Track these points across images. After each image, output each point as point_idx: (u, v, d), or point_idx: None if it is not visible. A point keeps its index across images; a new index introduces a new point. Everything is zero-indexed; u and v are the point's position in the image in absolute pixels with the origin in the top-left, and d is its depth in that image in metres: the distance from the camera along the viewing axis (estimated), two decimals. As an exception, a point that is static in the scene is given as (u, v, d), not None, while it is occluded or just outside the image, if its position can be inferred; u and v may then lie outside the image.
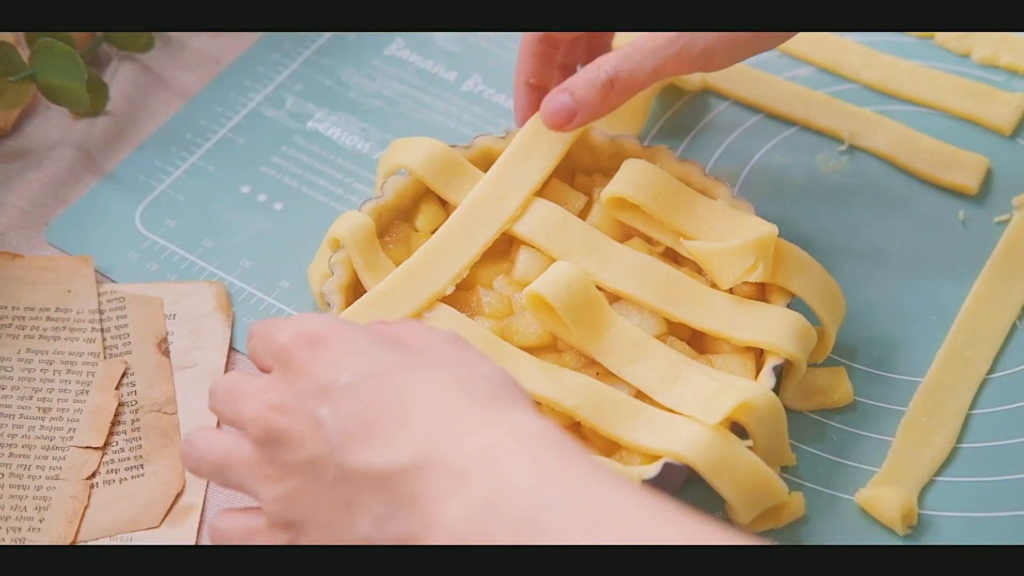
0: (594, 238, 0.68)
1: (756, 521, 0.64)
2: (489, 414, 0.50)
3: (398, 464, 0.49)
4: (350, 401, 0.51)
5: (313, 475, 0.52)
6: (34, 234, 0.76)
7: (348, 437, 0.50)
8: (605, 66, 0.66)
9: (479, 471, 0.48)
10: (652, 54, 0.65)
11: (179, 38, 0.86)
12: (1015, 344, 0.71)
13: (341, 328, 0.54)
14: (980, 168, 0.78)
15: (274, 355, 0.54)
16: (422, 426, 0.50)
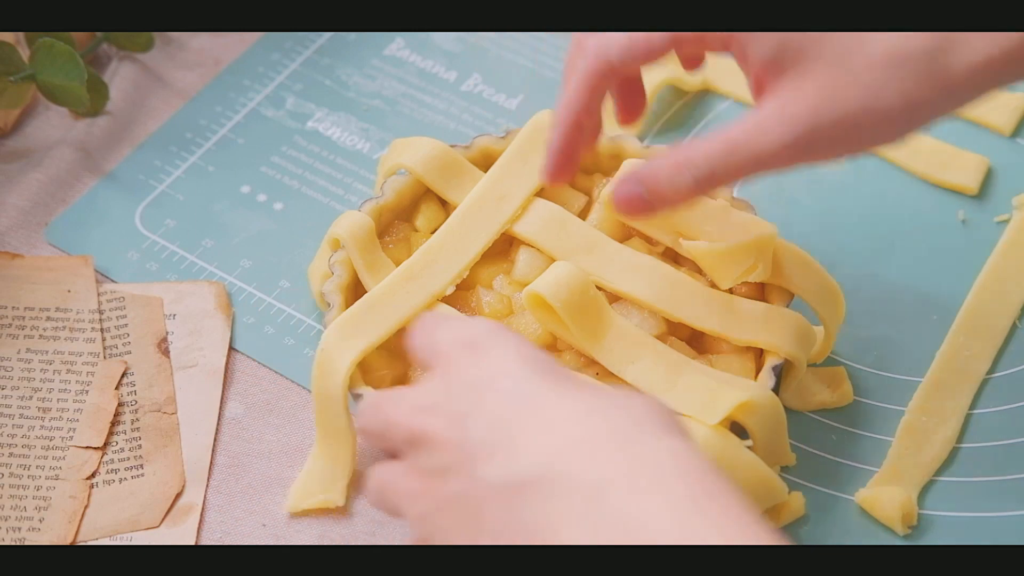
0: (594, 238, 0.68)
1: (756, 521, 0.64)
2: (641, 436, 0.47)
3: (524, 472, 0.46)
4: (497, 402, 0.49)
5: (445, 486, 0.49)
6: (34, 234, 0.76)
7: (485, 446, 0.48)
8: (694, 169, 0.56)
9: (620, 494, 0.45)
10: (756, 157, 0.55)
11: (179, 38, 0.86)
12: (1015, 344, 0.71)
13: (504, 335, 0.52)
14: (980, 168, 0.78)
15: (435, 355, 0.52)
16: (560, 436, 0.47)
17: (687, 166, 0.56)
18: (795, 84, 0.54)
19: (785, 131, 0.54)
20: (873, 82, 0.53)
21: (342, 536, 0.65)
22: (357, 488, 0.66)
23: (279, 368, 0.71)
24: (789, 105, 0.54)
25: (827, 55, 0.54)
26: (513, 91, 0.83)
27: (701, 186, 0.56)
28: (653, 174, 0.57)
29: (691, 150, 0.56)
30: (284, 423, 0.69)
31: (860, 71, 0.53)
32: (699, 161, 0.56)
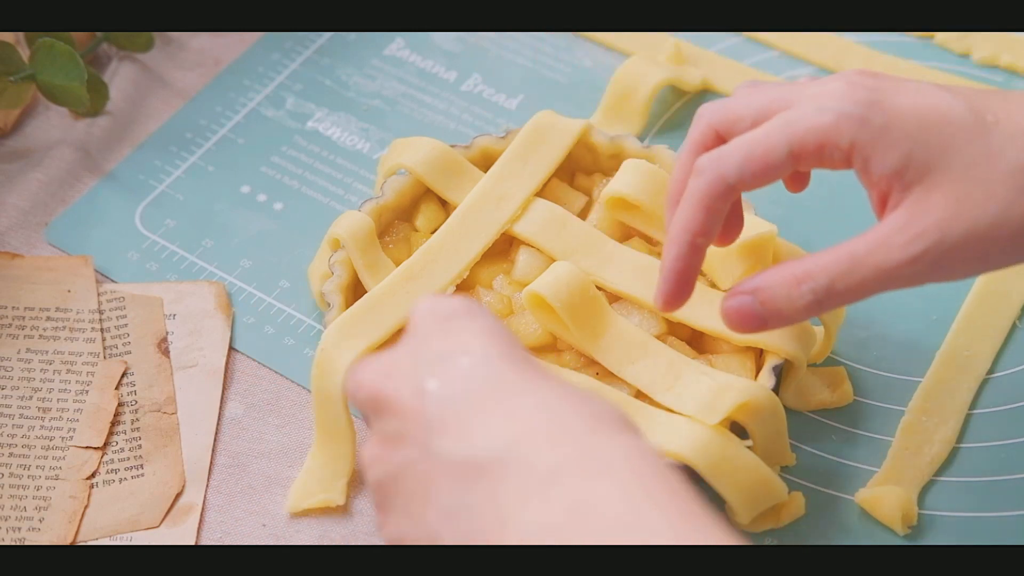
0: (594, 238, 0.68)
1: (756, 521, 0.64)
2: (598, 429, 0.46)
3: (481, 452, 0.46)
4: (458, 378, 0.48)
5: (399, 452, 0.49)
6: (34, 234, 0.76)
7: (442, 419, 0.48)
8: (813, 283, 0.54)
9: (573, 479, 0.45)
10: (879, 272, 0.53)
11: (179, 38, 0.86)
12: (1015, 344, 0.71)
13: (479, 312, 0.51)
14: (980, 168, 0.78)
15: (410, 325, 0.52)
16: (520, 421, 0.47)
17: (805, 280, 0.54)
18: (921, 198, 0.52)
19: (911, 246, 0.52)
20: (1006, 194, 0.51)
21: (342, 536, 0.65)
22: (357, 487, 0.66)
23: (279, 368, 0.71)
24: (915, 219, 0.52)
25: (955, 168, 0.52)
26: (513, 91, 0.83)
27: (820, 303, 0.54)
28: (768, 287, 0.55)
29: (810, 263, 0.54)
30: (284, 423, 0.69)
31: (991, 183, 0.52)
32: (818, 275, 0.53)
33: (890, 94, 0.54)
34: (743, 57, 0.84)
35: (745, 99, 0.57)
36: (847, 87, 0.54)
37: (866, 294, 0.53)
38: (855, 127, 0.53)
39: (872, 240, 0.53)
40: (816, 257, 0.54)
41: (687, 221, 0.56)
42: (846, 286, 0.53)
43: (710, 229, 0.56)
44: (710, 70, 0.83)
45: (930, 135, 0.53)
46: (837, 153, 0.53)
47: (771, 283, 0.55)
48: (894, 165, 0.53)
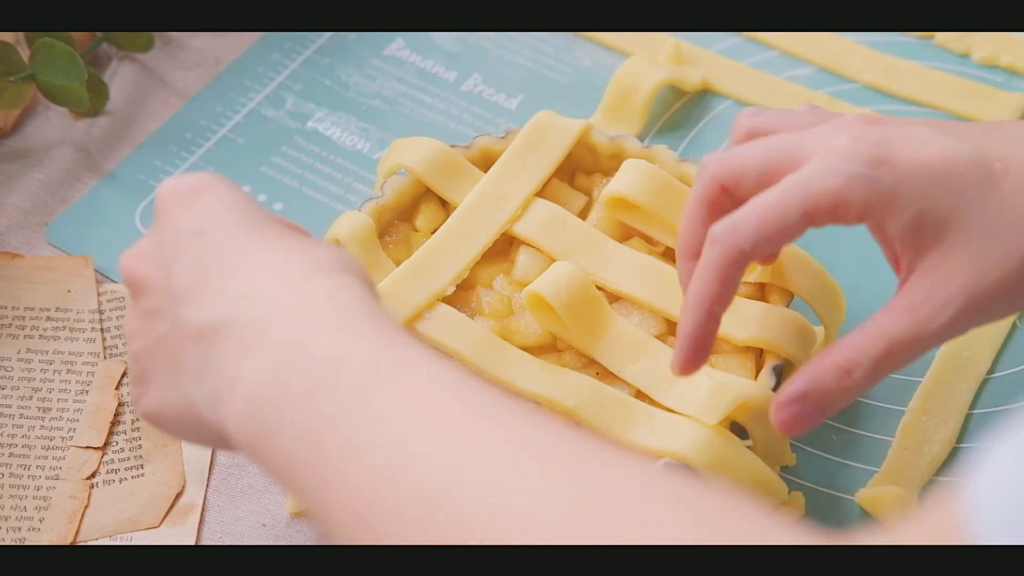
0: (594, 238, 0.68)
1: (756, 521, 0.63)
2: (312, 274, 0.50)
3: (211, 319, 0.50)
4: (197, 254, 0.52)
5: (155, 326, 0.53)
6: (34, 234, 0.76)
7: (184, 289, 0.52)
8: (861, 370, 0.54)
9: (281, 324, 0.49)
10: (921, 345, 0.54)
11: (179, 38, 0.86)
12: (1015, 344, 0.71)
13: (217, 184, 0.54)
14: (980, 168, 0.78)
15: (155, 206, 0.55)
16: (243, 282, 0.50)
17: (854, 369, 0.54)
18: (939, 262, 0.53)
19: (941, 315, 0.53)
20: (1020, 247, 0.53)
21: (342, 536, 0.65)
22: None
23: (279, 368, 0.71)
24: (939, 287, 0.53)
25: (971, 226, 0.53)
26: (513, 91, 0.83)
27: (869, 383, 0.55)
28: (819, 388, 0.55)
29: (851, 351, 0.54)
30: (284, 423, 0.69)
31: (1008, 236, 0.53)
32: (863, 361, 0.54)
33: (897, 147, 0.53)
34: (743, 57, 0.84)
35: (750, 151, 0.56)
36: (854, 144, 0.53)
37: (908, 362, 0.54)
38: (867, 189, 0.52)
39: (903, 315, 0.54)
40: (853, 341, 0.54)
41: (704, 291, 0.55)
42: (889, 366, 0.54)
43: (727, 297, 0.56)
44: (710, 70, 0.83)
45: (941, 192, 0.53)
46: (850, 213, 0.53)
47: (820, 382, 0.55)
48: (908, 227, 0.53)
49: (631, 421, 0.63)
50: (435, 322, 0.66)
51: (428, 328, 0.66)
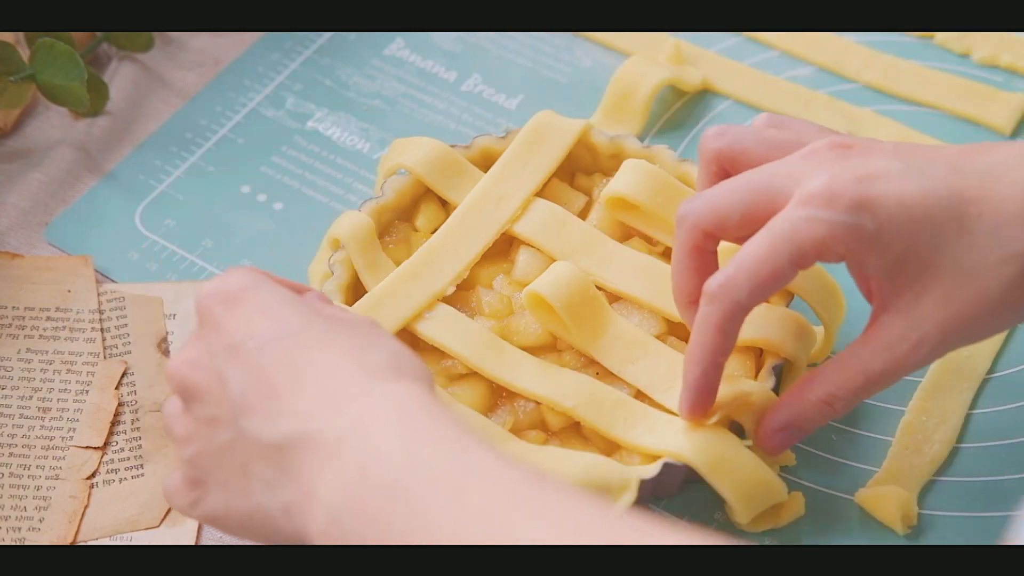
0: (594, 238, 0.68)
1: (756, 521, 0.64)
2: (374, 384, 0.51)
3: (283, 436, 0.51)
4: (253, 365, 0.53)
5: (216, 434, 0.54)
6: (34, 234, 0.76)
7: (246, 401, 0.52)
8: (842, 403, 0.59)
9: (352, 441, 0.50)
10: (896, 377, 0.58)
11: (179, 38, 0.86)
12: (1015, 344, 0.71)
13: (258, 287, 0.55)
14: (980, 168, 0.78)
15: (198, 311, 0.56)
16: (310, 397, 0.51)
17: (834, 402, 0.59)
18: (917, 302, 0.56)
19: (916, 353, 0.56)
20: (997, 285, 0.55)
21: (342, 536, 0.65)
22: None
23: (279, 368, 0.71)
24: (914, 326, 0.56)
25: (945, 268, 0.55)
26: (513, 91, 0.83)
27: (848, 409, 0.59)
28: (803, 418, 0.60)
29: (832, 386, 0.58)
30: (284, 423, 0.69)
31: (981, 278, 0.55)
32: (843, 394, 0.58)
33: (876, 189, 0.55)
34: (743, 57, 0.84)
35: (727, 197, 0.58)
36: (832, 184, 0.55)
37: (886, 388, 0.58)
38: (850, 237, 0.55)
39: (879, 352, 0.57)
40: (833, 375, 0.58)
41: (707, 346, 0.58)
42: (867, 394, 0.58)
43: (729, 347, 0.58)
44: (710, 70, 0.83)
45: (918, 235, 0.55)
46: (833, 256, 0.56)
47: (802, 414, 0.59)
48: (887, 268, 0.56)
49: (630, 421, 0.63)
50: (435, 322, 0.66)
51: (428, 328, 0.66)
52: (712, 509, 0.64)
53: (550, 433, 0.65)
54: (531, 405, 0.64)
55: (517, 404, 0.65)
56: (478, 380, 0.65)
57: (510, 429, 0.64)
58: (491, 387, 0.65)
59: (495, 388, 0.65)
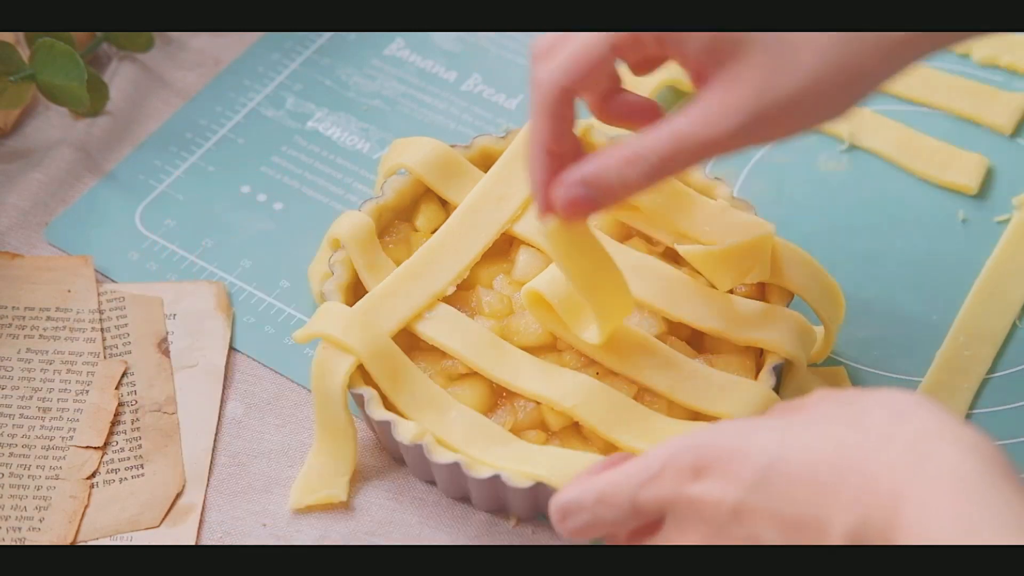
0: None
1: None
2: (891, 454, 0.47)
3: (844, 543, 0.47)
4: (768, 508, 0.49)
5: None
6: (34, 234, 0.76)
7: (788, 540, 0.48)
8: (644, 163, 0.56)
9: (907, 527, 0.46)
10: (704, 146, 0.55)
11: (179, 38, 0.86)
12: (1015, 344, 0.71)
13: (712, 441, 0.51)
14: (980, 168, 0.78)
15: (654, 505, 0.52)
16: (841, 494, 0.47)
17: (637, 162, 0.56)
18: (735, 72, 0.54)
19: (730, 119, 0.54)
20: (813, 60, 0.54)
21: (343, 534, 0.65)
22: (358, 484, 0.66)
23: (279, 368, 0.71)
24: (731, 93, 0.54)
25: (765, 41, 0.54)
26: (513, 91, 0.83)
27: (652, 179, 0.56)
28: (602, 174, 0.57)
29: (639, 145, 0.56)
30: (284, 423, 0.69)
31: (799, 52, 0.54)
32: (649, 155, 0.55)
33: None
34: (743, 57, 0.84)
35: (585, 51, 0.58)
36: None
37: (694, 164, 0.56)
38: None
39: (694, 117, 0.55)
40: (644, 138, 0.56)
41: (535, 134, 0.58)
42: (675, 162, 0.55)
43: (561, 134, 0.57)
44: (710, 70, 0.83)
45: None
46: (651, 40, 0.56)
47: (602, 170, 0.56)
48: (706, 45, 0.54)
49: (629, 423, 0.63)
50: (435, 322, 0.66)
51: (428, 328, 0.66)
52: None
53: (550, 433, 0.65)
54: (531, 405, 0.65)
55: (517, 404, 0.65)
56: (478, 380, 0.65)
57: (510, 429, 0.64)
58: (491, 387, 0.65)
59: (495, 388, 0.65)
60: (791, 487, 0.48)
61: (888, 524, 0.46)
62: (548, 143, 0.58)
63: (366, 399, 0.63)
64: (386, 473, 0.67)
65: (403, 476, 0.67)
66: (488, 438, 0.63)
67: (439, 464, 0.62)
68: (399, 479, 0.67)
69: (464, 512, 0.65)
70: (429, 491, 0.66)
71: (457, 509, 0.66)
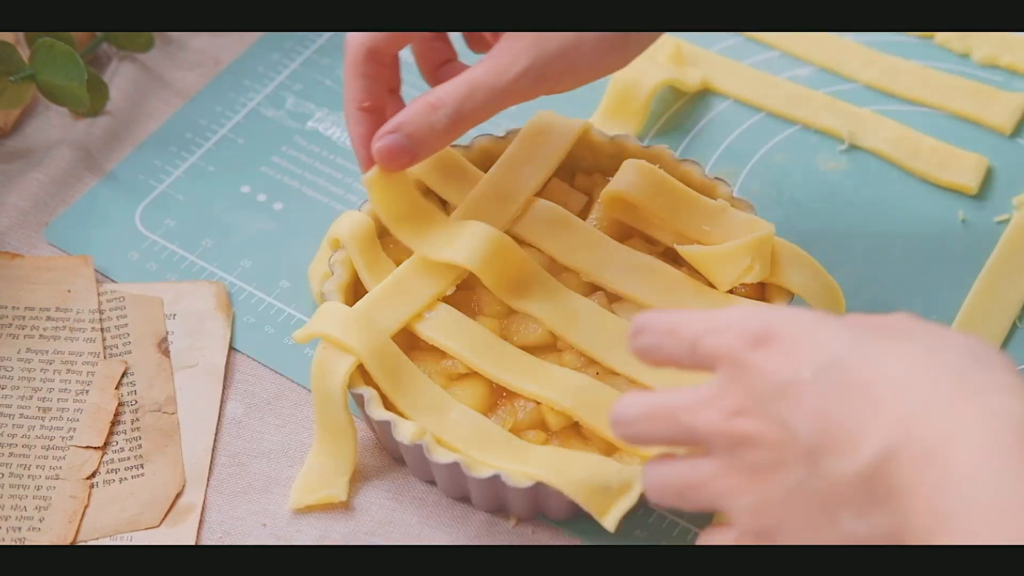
0: (594, 238, 0.68)
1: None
2: (960, 391, 0.47)
3: (869, 464, 0.47)
4: (813, 399, 0.49)
5: (781, 479, 0.50)
6: (34, 234, 0.76)
7: (817, 439, 0.48)
8: (445, 108, 0.63)
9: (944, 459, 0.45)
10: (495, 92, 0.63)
11: (179, 38, 0.86)
12: (1015, 344, 0.71)
13: (786, 319, 0.51)
14: (980, 168, 0.78)
15: (712, 358, 0.52)
16: (889, 414, 0.47)
17: (439, 107, 0.63)
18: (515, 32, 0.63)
19: (513, 66, 0.62)
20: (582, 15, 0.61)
21: (343, 534, 0.65)
22: (358, 485, 0.66)
23: (279, 368, 0.71)
24: (512, 45, 0.63)
25: None
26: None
27: (455, 124, 0.63)
28: (410, 120, 0.63)
29: (440, 92, 0.63)
30: (284, 423, 0.69)
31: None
32: (449, 101, 0.63)
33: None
34: (743, 57, 0.84)
35: None
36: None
37: (490, 113, 0.63)
38: None
39: (485, 66, 0.63)
40: (444, 86, 0.63)
41: (348, 91, 0.66)
42: (472, 107, 0.63)
43: (370, 93, 0.65)
44: (710, 70, 0.83)
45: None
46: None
47: (411, 117, 0.63)
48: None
49: (631, 421, 0.63)
50: (435, 322, 0.66)
51: (428, 328, 0.66)
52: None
53: (550, 433, 0.65)
54: (531, 405, 0.65)
55: (517, 404, 0.65)
56: (478, 380, 0.65)
57: (510, 429, 0.64)
58: (491, 387, 0.65)
59: (495, 388, 0.65)
60: (844, 391, 0.48)
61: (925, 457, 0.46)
62: (360, 99, 0.65)
63: (366, 399, 0.63)
64: (386, 473, 0.67)
65: (403, 476, 0.67)
66: (488, 438, 0.63)
67: (439, 464, 0.62)
68: (399, 479, 0.67)
69: (464, 512, 0.65)
70: (429, 491, 0.66)
71: (457, 509, 0.66)
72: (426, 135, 0.63)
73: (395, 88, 0.70)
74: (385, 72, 0.66)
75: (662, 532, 0.64)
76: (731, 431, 0.50)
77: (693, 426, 0.51)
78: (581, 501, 0.60)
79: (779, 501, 0.50)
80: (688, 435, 0.52)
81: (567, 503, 0.62)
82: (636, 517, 0.65)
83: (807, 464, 0.49)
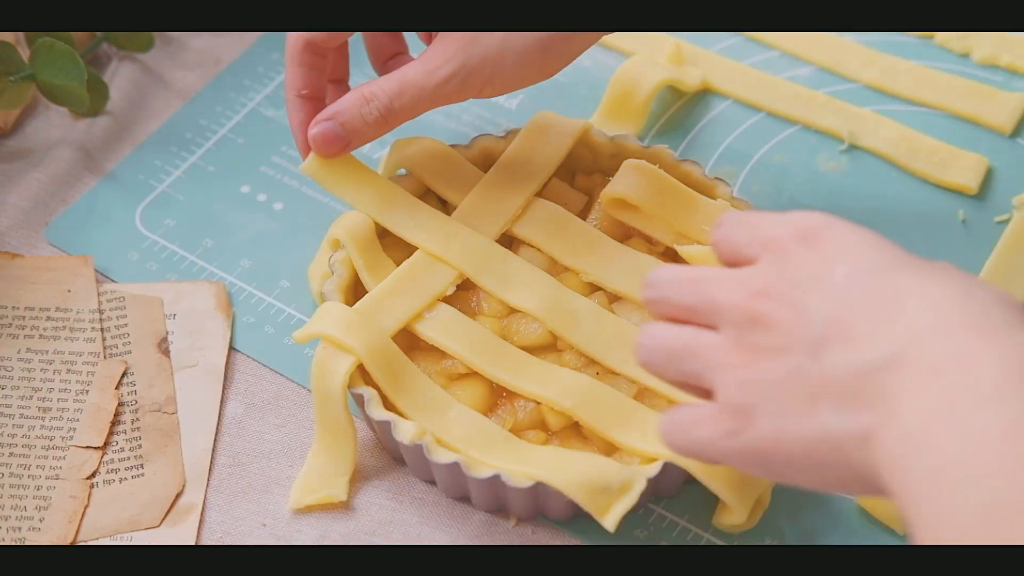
0: (594, 238, 0.68)
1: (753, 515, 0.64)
2: (983, 323, 0.47)
3: (870, 363, 0.48)
4: (840, 295, 0.50)
5: (779, 363, 0.51)
6: (34, 234, 0.76)
7: (828, 331, 0.49)
8: (377, 102, 0.66)
9: (953, 375, 0.46)
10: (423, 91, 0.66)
11: (179, 38, 0.86)
12: (1015, 344, 0.71)
13: (840, 226, 0.53)
14: (980, 168, 0.78)
15: (763, 245, 0.53)
16: (906, 325, 0.48)
17: (371, 100, 0.66)
18: (449, 35, 0.65)
19: (441, 69, 0.65)
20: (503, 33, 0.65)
21: (343, 534, 0.65)
22: (358, 484, 0.66)
23: (279, 368, 0.71)
24: (443, 48, 0.65)
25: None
26: (513, 91, 0.83)
27: (385, 118, 0.66)
28: (344, 110, 0.66)
29: (374, 87, 0.66)
30: (284, 423, 0.69)
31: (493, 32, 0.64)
32: (381, 96, 0.66)
33: None
34: (743, 57, 0.84)
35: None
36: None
37: (419, 111, 0.66)
38: None
39: (416, 67, 0.66)
40: (378, 81, 0.67)
41: (288, 79, 0.69)
42: (400, 105, 0.66)
43: (308, 81, 0.68)
44: (710, 70, 0.83)
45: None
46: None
47: (346, 107, 0.67)
48: None
49: (628, 423, 0.63)
50: (435, 322, 0.66)
51: (428, 328, 0.66)
52: (712, 509, 0.64)
53: (550, 433, 0.65)
54: (531, 405, 0.65)
55: (517, 404, 0.65)
56: (478, 380, 0.65)
57: (510, 429, 0.64)
58: (491, 387, 0.65)
59: (495, 388, 0.65)
60: (872, 293, 0.50)
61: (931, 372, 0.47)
62: (298, 87, 0.68)
63: (366, 399, 0.63)
64: (386, 473, 0.67)
65: (403, 476, 0.67)
66: (488, 438, 0.63)
67: (439, 464, 0.62)
68: (399, 479, 0.67)
69: (464, 512, 0.65)
70: (429, 491, 0.66)
71: (457, 509, 0.66)
72: (358, 125, 0.66)
73: (341, 78, 0.73)
74: (324, 63, 0.70)
75: (662, 532, 0.64)
76: (749, 307, 0.52)
77: (716, 297, 0.53)
78: (581, 501, 0.60)
79: (769, 382, 0.51)
80: (708, 304, 0.53)
81: (567, 503, 0.62)
82: (636, 517, 0.65)
83: (810, 352, 0.50)
